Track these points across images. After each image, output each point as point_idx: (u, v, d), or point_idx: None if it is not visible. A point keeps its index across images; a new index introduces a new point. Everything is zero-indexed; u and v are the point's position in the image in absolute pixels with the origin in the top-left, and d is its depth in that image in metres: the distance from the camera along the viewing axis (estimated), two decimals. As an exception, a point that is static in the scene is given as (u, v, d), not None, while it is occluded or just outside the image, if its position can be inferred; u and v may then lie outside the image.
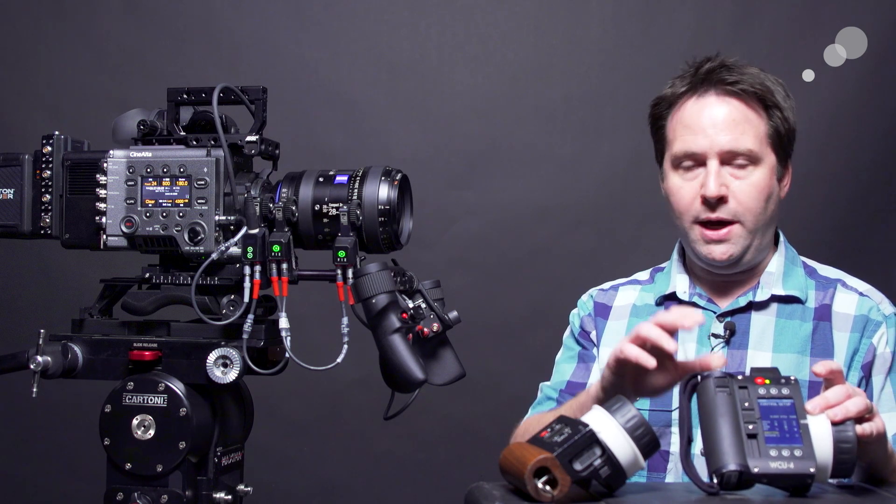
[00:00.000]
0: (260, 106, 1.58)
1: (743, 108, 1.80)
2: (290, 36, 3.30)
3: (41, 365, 1.53)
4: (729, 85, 1.79)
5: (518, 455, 1.37)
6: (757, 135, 1.79)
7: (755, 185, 1.78)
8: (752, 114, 1.80)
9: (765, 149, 1.80)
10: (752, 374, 1.43)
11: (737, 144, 1.78)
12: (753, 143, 1.78)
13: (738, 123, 1.78)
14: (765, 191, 1.79)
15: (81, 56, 3.26)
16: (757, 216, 1.79)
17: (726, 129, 1.78)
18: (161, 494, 1.51)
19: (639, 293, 1.95)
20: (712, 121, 1.79)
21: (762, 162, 1.79)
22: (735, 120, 1.79)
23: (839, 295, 1.83)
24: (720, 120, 1.79)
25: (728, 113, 1.79)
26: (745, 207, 1.78)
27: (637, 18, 3.29)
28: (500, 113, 3.29)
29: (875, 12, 3.19)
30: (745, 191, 1.78)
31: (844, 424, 1.39)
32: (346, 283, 1.49)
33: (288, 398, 3.05)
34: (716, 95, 1.81)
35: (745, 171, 1.79)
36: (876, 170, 3.20)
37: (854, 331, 1.79)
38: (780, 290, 1.83)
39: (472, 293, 3.16)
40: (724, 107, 1.80)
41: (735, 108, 1.80)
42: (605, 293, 1.99)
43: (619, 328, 1.92)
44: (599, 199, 3.26)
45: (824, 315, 1.82)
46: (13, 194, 1.61)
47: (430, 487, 3.19)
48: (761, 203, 1.79)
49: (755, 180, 1.78)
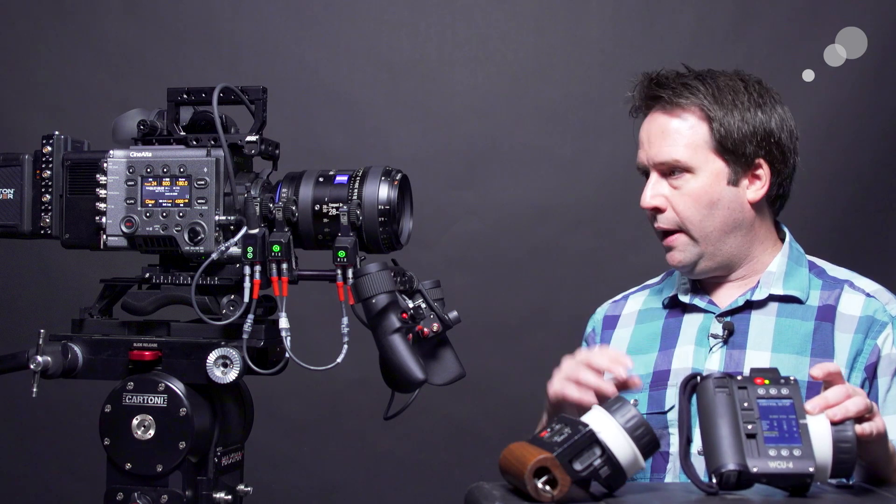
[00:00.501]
0: (260, 106, 1.58)
1: (670, 120, 1.84)
2: (290, 36, 3.30)
3: (41, 365, 1.53)
4: (654, 100, 1.86)
5: (518, 455, 1.37)
6: (690, 144, 1.81)
7: (689, 193, 1.81)
8: (683, 124, 1.83)
9: (703, 156, 1.81)
10: (751, 375, 1.43)
11: (662, 155, 1.83)
12: (682, 153, 1.81)
13: (668, 134, 1.83)
14: (703, 198, 1.81)
15: (81, 56, 3.26)
16: (699, 223, 1.81)
17: (656, 142, 1.84)
18: (161, 494, 1.51)
19: (645, 298, 1.98)
20: (646, 135, 1.87)
21: (698, 170, 1.81)
22: (663, 132, 1.84)
23: (845, 296, 1.83)
24: (651, 133, 1.85)
25: (659, 125, 1.85)
26: (682, 217, 1.82)
27: (637, 18, 3.29)
28: (500, 113, 3.29)
29: (875, 12, 3.19)
30: (679, 200, 1.82)
31: (844, 424, 1.39)
32: (346, 283, 1.49)
33: (288, 398, 3.05)
34: (649, 111, 1.88)
35: (679, 180, 1.82)
36: (876, 170, 3.20)
37: (858, 332, 1.78)
38: (779, 289, 1.83)
39: (472, 293, 3.16)
40: (654, 121, 1.86)
41: (663, 122, 1.85)
42: (616, 304, 2.03)
43: (624, 335, 1.94)
44: (599, 199, 3.26)
45: (827, 315, 1.81)
46: (13, 194, 1.61)
47: (430, 487, 3.19)
48: (700, 210, 1.81)
49: (689, 189, 1.81)
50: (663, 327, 1.89)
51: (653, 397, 1.83)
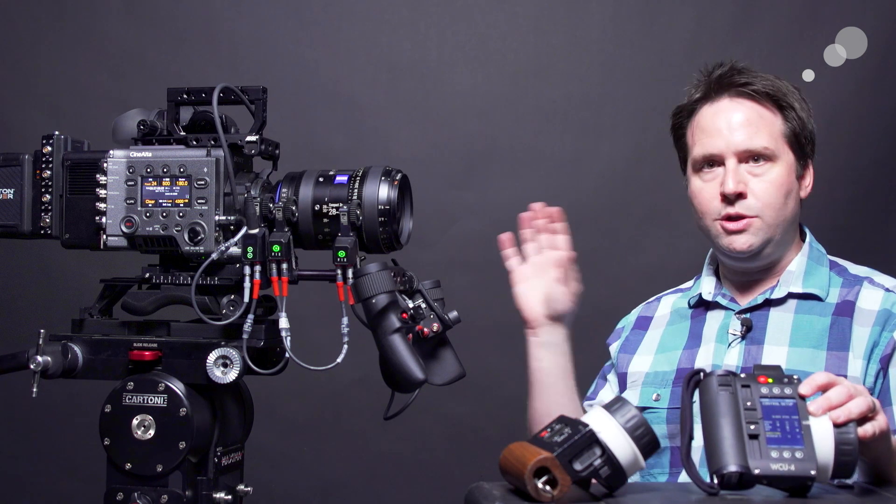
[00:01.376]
0: (260, 106, 1.58)
1: (756, 107, 1.85)
2: (290, 36, 3.30)
3: (41, 365, 1.53)
4: (740, 86, 1.85)
5: (518, 455, 1.37)
6: (772, 133, 1.84)
7: (773, 181, 1.83)
8: (767, 113, 1.85)
9: (781, 147, 1.85)
10: (755, 373, 1.43)
11: (752, 143, 1.83)
12: (768, 140, 1.83)
13: (752, 123, 1.84)
14: (783, 187, 1.84)
15: (81, 56, 3.26)
16: (776, 211, 1.83)
17: (741, 129, 1.84)
18: (161, 494, 1.51)
19: (676, 299, 2.01)
20: (727, 122, 1.85)
21: (779, 159, 1.84)
22: (749, 119, 1.84)
23: (864, 291, 1.85)
24: (734, 121, 1.84)
25: (742, 113, 1.85)
26: (763, 203, 1.82)
27: (637, 18, 3.29)
28: (500, 113, 3.29)
29: (875, 12, 3.19)
30: (762, 187, 1.83)
31: (846, 426, 1.39)
32: (346, 283, 1.49)
33: (288, 398, 3.05)
34: (729, 98, 1.87)
35: (762, 167, 1.83)
36: (876, 170, 3.20)
37: (876, 325, 1.80)
38: (798, 287, 1.86)
39: (472, 293, 3.16)
40: (737, 108, 1.86)
41: (748, 108, 1.85)
42: (650, 305, 2.06)
43: (655, 336, 1.97)
44: (599, 199, 3.26)
45: (845, 311, 1.83)
46: (13, 194, 1.61)
47: (430, 487, 3.19)
48: (780, 199, 1.83)
49: (773, 177, 1.83)
50: (690, 327, 1.92)
51: (675, 393, 1.85)
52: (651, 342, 1.97)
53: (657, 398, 1.86)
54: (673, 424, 1.82)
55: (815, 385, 1.43)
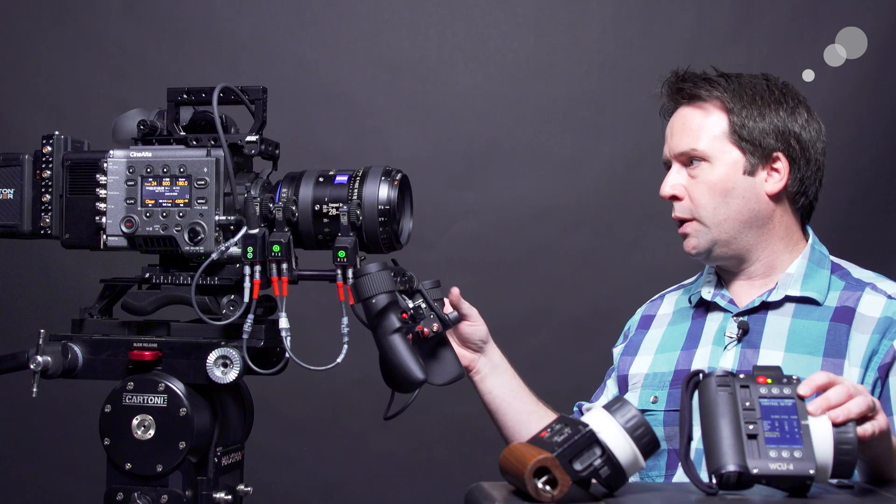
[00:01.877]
0: (260, 106, 1.58)
1: (691, 111, 1.88)
2: (290, 36, 3.30)
3: (41, 365, 1.53)
4: (677, 94, 1.90)
5: (518, 455, 1.37)
6: (707, 134, 1.85)
7: (705, 181, 1.85)
8: (701, 115, 1.87)
9: (720, 146, 1.85)
10: (754, 373, 1.43)
11: (681, 146, 1.87)
12: (698, 142, 1.85)
13: (687, 126, 1.88)
14: (717, 186, 1.84)
15: (81, 56, 3.26)
16: (712, 210, 1.84)
17: (677, 134, 1.89)
18: (161, 494, 1.51)
19: (678, 297, 2.01)
20: (670, 129, 1.91)
21: (715, 159, 1.85)
22: (684, 124, 1.88)
23: (866, 297, 1.83)
24: (674, 127, 1.90)
25: (680, 118, 1.90)
26: (696, 204, 1.85)
27: (637, 18, 3.29)
28: (500, 113, 3.29)
29: (875, 12, 3.19)
30: (696, 189, 1.85)
31: (846, 425, 1.39)
32: (346, 283, 1.49)
33: (288, 398, 3.05)
34: (674, 104, 1.92)
35: (697, 169, 1.86)
36: (876, 170, 3.20)
37: (876, 332, 1.78)
38: (796, 291, 1.84)
39: (472, 293, 3.14)
40: (677, 114, 1.91)
41: (683, 114, 1.89)
42: (653, 304, 2.06)
43: (656, 336, 1.97)
44: (599, 199, 3.26)
45: (843, 317, 1.81)
46: (13, 194, 1.61)
47: (430, 487, 3.19)
48: (715, 198, 1.84)
49: (705, 177, 1.85)
50: (689, 328, 1.92)
51: (672, 395, 1.85)
52: (652, 342, 1.96)
53: (655, 400, 1.86)
54: (670, 427, 1.81)
55: (815, 385, 1.43)
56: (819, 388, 1.43)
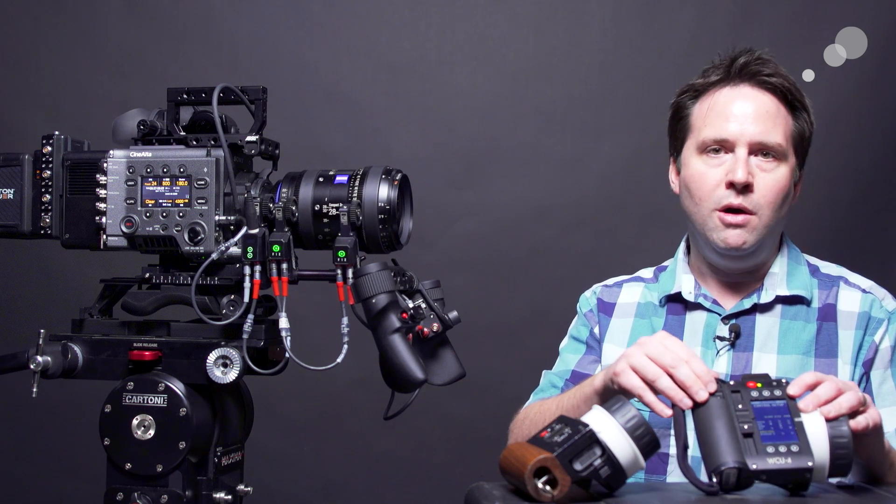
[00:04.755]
0: (260, 106, 1.58)
1: (775, 102, 1.81)
2: (290, 36, 3.30)
3: (41, 365, 1.53)
4: (765, 77, 1.81)
5: (518, 455, 1.37)
6: (785, 132, 1.80)
7: (778, 180, 1.79)
8: (783, 110, 1.81)
9: (789, 147, 1.81)
10: (743, 379, 1.43)
11: (767, 137, 1.78)
12: (782, 137, 1.79)
13: (770, 117, 1.79)
14: (784, 188, 1.79)
15: (81, 56, 3.26)
16: (774, 211, 1.79)
17: (758, 121, 1.78)
18: (161, 494, 1.51)
19: (642, 291, 1.95)
20: (745, 110, 1.79)
21: (786, 160, 1.80)
22: (768, 112, 1.79)
23: (843, 293, 1.84)
24: (753, 110, 1.79)
25: (762, 105, 1.80)
26: (766, 200, 1.78)
27: (637, 18, 3.29)
28: (500, 113, 3.29)
29: (875, 12, 3.19)
30: (768, 184, 1.78)
31: (838, 420, 1.39)
32: (346, 283, 1.49)
33: (288, 398, 3.05)
34: (750, 87, 1.81)
35: (770, 164, 1.79)
36: (876, 170, 3.20)
37: (858, 328, 1.80)
38: (784, 290, 1.83)
39: (472, 293, 3.16)
40: (758, 98, 1.81)
41: (769, 101, 1.80)
42: (609, 289, 1.99)
43: (623, 326, 1.92)
44: (599, 199, 3.26)
45: (828, 315, 1.82)
46: (13, 194, 1.61)
47: (430, 487, 3.19)
48: (779, 199, 1.79)
49: (778, 176, 1.79)
50: (665, 324, 1.87)
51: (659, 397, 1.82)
52: (619, 332, 1.91)
53: None
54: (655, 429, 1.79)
55: (804, 385, 1.43)
56: (808, 386, 1.43)
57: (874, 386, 1.78)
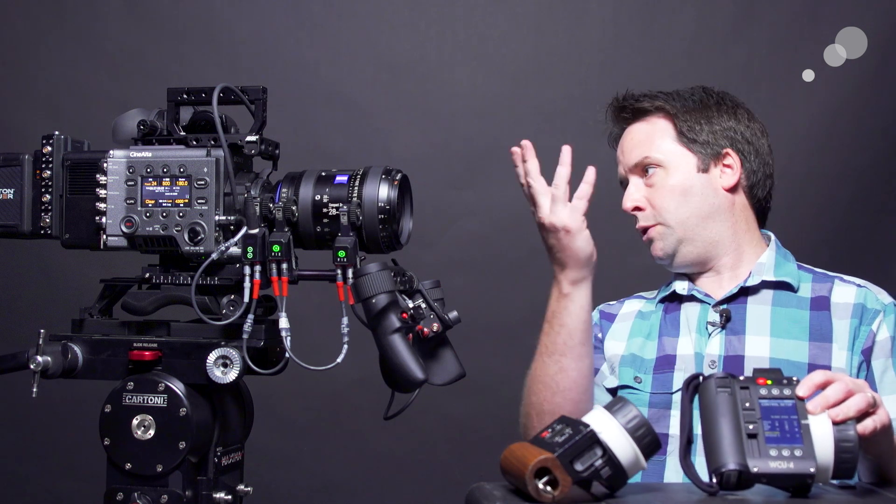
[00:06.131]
0: (260, 106, 1.58)
1: (642, 124, 1.97)
2: (290, 36, 3.30)
3: (41, 365, 1.53)
4: (621, 113, 1.99)
5: (519, 455, 1.37)
6: (656, 141, 1.94)
7: (664, 185, 1.92)
8: (648, 127, 1.96)
9: (670, 149, 1.93)
10: (754, 375, 1.43)
11: (633, 158, 1.96)
12: (649, 150, 1.93)
13: (635, 139, 1.97)
14: (676, 188, 1.91)
15: (81, 56, 3.26)
16: (674, 211, 1.91)
17: (628, 149, 1.98)
18: (161, 494, 1.51)
19: (644, 303, 2.04)
20: (620, 148, 2.00)
21: (668, 164, 1.92)
22: (633, 138, 1.97)
23: (837, 287, 1.89)
24: (624, 145, 1.99)
25: (627, 136, 1.99)
26: (661, 207, 1.92)
27: (637, 18, 3.29)
28: (500, 113, 3.29)
29: (875, 12, 3.19)
30: (656, 194, 1.93)
31: (846, 424, 1.39)
32: (346, 283, 1.49)
33: (288, 398, 3.05)
34: (619, 125, 2.02)
35: (654, 177, 1.93)
36: (876, 170, 3.20)
37: (854, 317, 1.84)
38: (771, 276, 1.90)
39: (472, 293, 3.16)
40: (626, 132, 2.00)
41: (634, 128, 1.98)
42: (611, 306, 2.08)
43: (623, 327, 2.00)
44: (598, 200, 3.24)
45: (822, 305, 1.87)
46: (13, 194, 1.61)
47: (430, 487, 3.19)
48: (675, 199, 1.91)
49: (662, 183, 1.92)
50: (661, 319, 1.95)
51: (658, 379, 1.88)
52: (620, 331, 1.99)
53: (639, 381, 1.88)
54: (655, 409, 1.85)
55: (813, 385, 1.43)
56: (818, 386, 1.43)
57: (876, 375, 1.82)
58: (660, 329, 1.94)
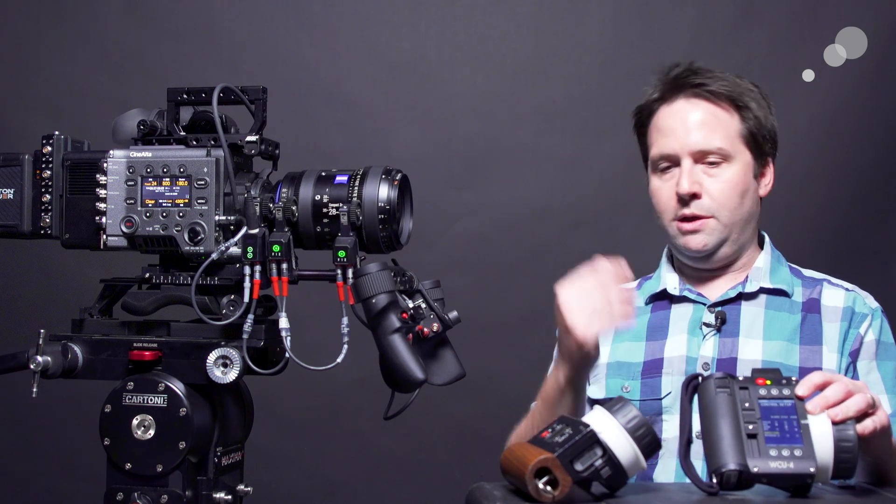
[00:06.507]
0: (260, 106, 1.58)
1: (712, 108, 1.87)
2: (290, 36, 3.30)
3: (41, 365, 1.53)
4: (696, 87, 1.88)
5: (519, 455, 1.37)
6: (727, 134, 1.86)
7: (728, 181, 1.85)
8: (723, 113, 1.87)
9: (737, 147, 1.86)
10: (753, 375, 1.43)
11: (706, 143, 1.85)
12: (723, 141, 1.85)
13: (707, 123, 1.86)
14: (738, 186, 1.85)
15: (81, 56, 3.26)
16: (731, 211, 1.85)
17: (696, 130, 1.85)
18: (161, 494, 1.51)
19: None
20: (683, 123, 1.87)
21: (734, 159, 1.86)
22: (704, 120, 1.86)
23: (826, 291, 1.90)
24: (690, 121, 1.86)
25: (697, 114, 1.87)
26: (718, 203, 1.84)
27: (637, 18, 3.29)
28: (500, 113, 3.29)
29: (875, 12, 3.19)
30: (717, 187, 1.85)
31: (845, 424, 1.39)
32: (346, 283, 1.49)
33: (288, 398, 3.05)
34: (685, 99, 1.88)
35: (717, 168, 1.85)
36: (876, 170, 3.20)
37: (843, 320, 1.85)
38: (767, 283, 1.89)
39: (472, 293, 3.16)
40: (692, 109, 1.87)
41: (704, 108, 1.87)
42: None
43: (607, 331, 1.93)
44: (599, 199, 3.25)
45: (812, 308, 1.88)
46: (13, 194, 1.61)
47: (430, 487, 3.19)
48: (735, 198, 1.85)
49: (728, 177, 1.85)
50: (650, 321, 1.92)
51: (646, 384, 1.86)
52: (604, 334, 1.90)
53: (627, 389, 1.87)
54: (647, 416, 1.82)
55: (812, 385, 1.43)
56: (817, 387, 1.43)
57: (861, 376, 1.83)
58: (647, 331, 1.91)
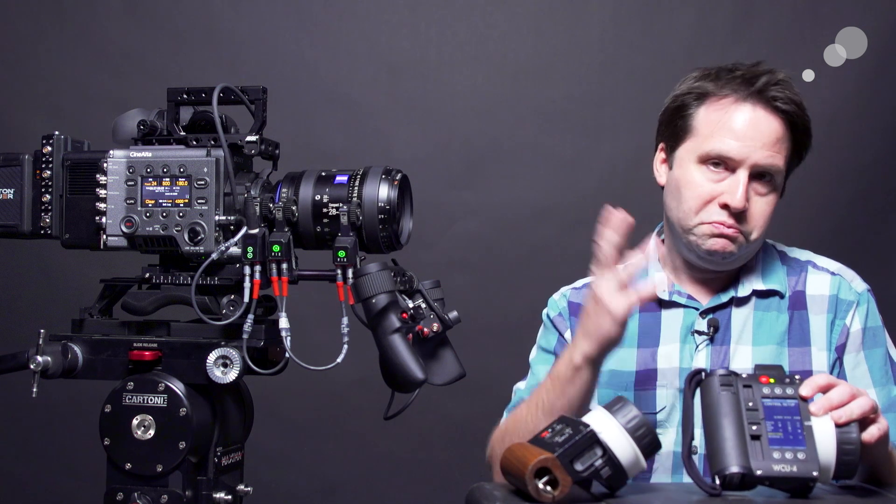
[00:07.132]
0: (260, 106, 1.58)
1: (784, 128, 1.79)
2: (290, 36, 3.30)
3: (41, 365, 1.53)
4: (780, 102, 1.78)
5: (519, 455, 1.37)
6: (785, 158, 1.80)
7: (769, 204, 1.79)
8: (788, 136, 1.80)
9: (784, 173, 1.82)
10: (756, 373, 1.43)
11: (772, 163, 1.77)
12: (783, 165, 1.79)
13: (776, 143, 1.77)
14: (771, 213, 1.80)
15: (81, 56, 3.26)
16: (761, 234, 1.81)
17: (766, 146, 1.76)
18: (161, 494, 1.51)
19: None
20: (757, 132, 1.76)
21: (778, 185, 1.81)
22: (777, 139, 1.77)
23: (811, 277, 1.85)
24: (764, 135, 1.77)
25: (772, 130, 1.77)
26: (755, 225, 1.78)
27: (637, 18, 3.29)
28: (500, 113, 3.29)
29: (875, 12, 3.19)
30: (760, 209, 1.78)
31: (848, 426, 1.39)
32: (346, 283, 1.49)
33: (288, 398, 3.05)
34: (764, 110, 1.78)
35: (767, 187, 1.79)
36: (876, 170, 3.20)
37: (829, 311, 1.81)
38: (760, 285, 1.85)
39: (472, 293, 3.16)
40: (770, 123, 1.77)
41: (779, 126, 1.78)
42: (578, 291, 1.99)
43: None
44: (599, 199, 3.23)
45: (799, 303, 1.83)
46: (13, 194, 1.61)
47: (430, 487, 3.19)
48: (767, 223, 1.80)
49: (770, 200, 1.79)
50: (640, 324, 1.86)
51: (640, 397, 1.82)
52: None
53: None
54: None
55: (816, 386, 1.43)
56: (821, 388, 1.43)
57: (847, 370, 1.79)
58: (638, 336, 1.85)
